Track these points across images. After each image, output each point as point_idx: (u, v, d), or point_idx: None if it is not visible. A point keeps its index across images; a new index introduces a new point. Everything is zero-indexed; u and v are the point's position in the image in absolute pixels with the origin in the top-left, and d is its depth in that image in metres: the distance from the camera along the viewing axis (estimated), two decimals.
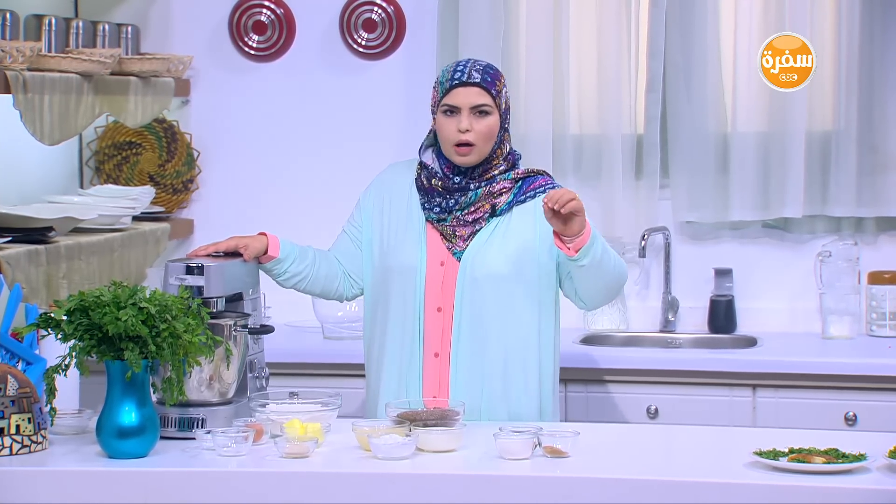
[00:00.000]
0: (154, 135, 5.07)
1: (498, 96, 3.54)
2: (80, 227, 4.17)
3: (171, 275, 3.37)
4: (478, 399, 3.50)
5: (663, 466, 3.12)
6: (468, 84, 3.52)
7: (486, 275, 3.52)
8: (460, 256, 3.54)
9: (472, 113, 3.52)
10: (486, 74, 3.54)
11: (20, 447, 3.06)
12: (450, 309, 3.54)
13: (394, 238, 3.61)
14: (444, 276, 3.55)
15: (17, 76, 3.84)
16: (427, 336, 3.55)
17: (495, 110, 3.54)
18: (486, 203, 3.55)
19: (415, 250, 3.57)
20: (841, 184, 4.69)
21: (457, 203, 3.55)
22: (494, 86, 3.54)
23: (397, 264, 3.58)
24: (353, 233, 3.69)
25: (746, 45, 4.72)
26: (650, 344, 4.76)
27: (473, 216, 3.55)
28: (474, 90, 3.52)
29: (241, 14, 5.07)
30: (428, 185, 3.59)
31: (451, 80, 3.54)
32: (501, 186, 3.56)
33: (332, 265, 3.68)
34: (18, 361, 3.24)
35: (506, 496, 2.92)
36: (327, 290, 3.70)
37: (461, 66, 3.56)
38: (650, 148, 4.80)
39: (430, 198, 3.58)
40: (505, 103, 3.58)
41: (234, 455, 3.06)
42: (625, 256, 4.83)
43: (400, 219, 3.61)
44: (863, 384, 4.22)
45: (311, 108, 5.04)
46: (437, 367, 3.55)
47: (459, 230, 3.55)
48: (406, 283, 3.56)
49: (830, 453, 2.92)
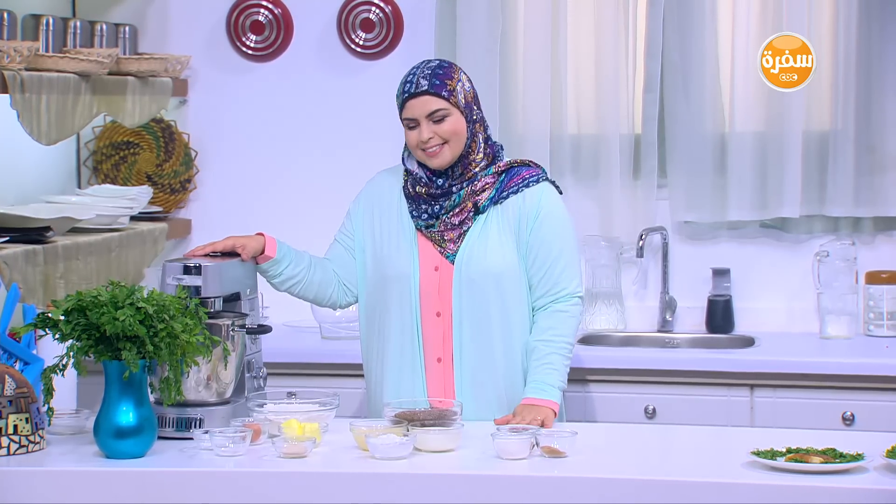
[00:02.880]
0: (152, 135, 5.07)
1: (451, 95, 3.51)
2: (77, 226, 4.17)
3: (168, 275, 3.37)
4: (482, 401, 3.49)
5: (661, 466, 3.12)
6: (417, 95, 3.50)
7: (481, 273, 3.52)
8: (453, 259, 3.54)
9: (431, 120, 3.51)
10: (434, 78, 3.51)
11: (18, 447, 3.06)
12: (448, 312, 3.54)
13: (386, 247, 3.60)
14: (439, 280, 3.55)
15: (15, 76, 3.83)
16: (427, 342, 3.55)
17: (453, 109, 3.51)
18: (469, 202, 3.54)
19: (408, 258, 3.56)
20: (838, 184, 4.69)
21: (442, 207, 3.55)
22: (445, 87, 3.50)
23: (392, 273, 3.57)
24: (346, 241, 3.68)
25: (744, 45, 4.72)
26: (648, 344, 4.76)
27: (459, 217, 3.54)
28: (424, 99, 3.50)
29: (238, 14, 5.07)
30: (414, 192, 3.58)
31: (402, 93, 3.54)
32: (484, 183, 3.55)
33: (328, 272, 3.68)
34: (16, 361, 3.24)
35: (503, 496, 2.92)
36: (321, 296, 3.69)
37: (410, 77, 3.54)
38: (648, 148, 4.80)
39: (417, 205, 3.57)
40: (465, 98, 3.53)
41: (231, 455, 3.06)
42: (623, 256, 4.85)
43: (391, 228, 3.61)
44: (860, 384, 4.22)
45: (309, 108, 5.04)
46: (440, 372, 3.54)
47: (448, 234, 3.54)
48: (402, 290, 3.56)
49: (828, 453, 2.93)
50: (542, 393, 3.44)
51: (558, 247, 3.54)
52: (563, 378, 3.50)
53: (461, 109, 3.52)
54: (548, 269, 3.54)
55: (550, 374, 3.47)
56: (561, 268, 3.54)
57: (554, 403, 3.42)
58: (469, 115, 3.54)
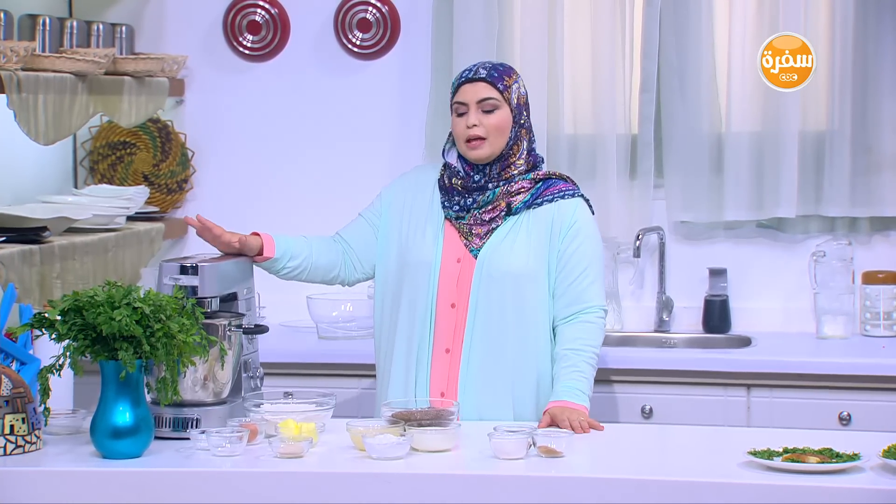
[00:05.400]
0: (148, 135, 5.07)
1: (506, 90, 3.57)
2: (74, 226, 4.17)
3: (165, 275, 3.37)
4: (486, 396, 3.50)
5: (658, 466, 3.12)
6: (474, 80, 3.58)
7: (503, 273, 3.54)
8: (477, 254, 3.56)
9: (480, 108, 3.56)
10: (493, 71, 3.59)
11: (14, 447, 3.06)
12: (464, 305, 3.56)
13: (413, 234, 3.63)
14: (459, 272, 3.57)
15: (12, 76, 3.83)
16: (438, 331, 3.57)
17: (504, 104, 3.57)
18: (503, 201, 3.57)
19: (431, 246, 3.59)
20: (835, 184, 4.69)
21: (475, 202, 3.58)
22: (502, 80, 3.58)
23: (413, 260, 3.61)
24: (372, 218, 3.71)
25: (741, 45, 4.72)
26: (645, 344, 4.76)
27: (490, 215, 3.57)
28: (480, 85, 3.57)
29: (235, 14, 5.07)
30: (449, 183, 3.62)
31: (459, 78, 3.62)
32: (520, 186, 3.58)
33: (332, 252, 3.69)
34: (12, 361, 3.24)
35: (500, 496, 2.92)
36: (327, 278, 3.73)
37: (471, 66, 3.64)
38: (644, 148, 4.81)
39: (451, 196, 3.61)
40: (517, 98, 3.60)
41: (228, 455, 3.06)
42: (619, 256, 4.85)
43: (420, 216, 3.64)
44: (857, 384, 4.22)
45: (306, 108, 5.04)
46: (446, 362, 3.56)
47: (476, 228, 3.57)
48: (420, 278, 3.58)
49: (824, 453, 2.93)
50: (574, 397, 3.44)
51: (588, 260, 3.57)
52: (591, 386, 3.51)
53: (511, 108, 3.58)
54: (575, 280, 3.55)
55: (581, 381, 3.48)
56: (590, 280, 3.56)
57: (586, 409, 3.43)
58: (518, 116, 3.60)
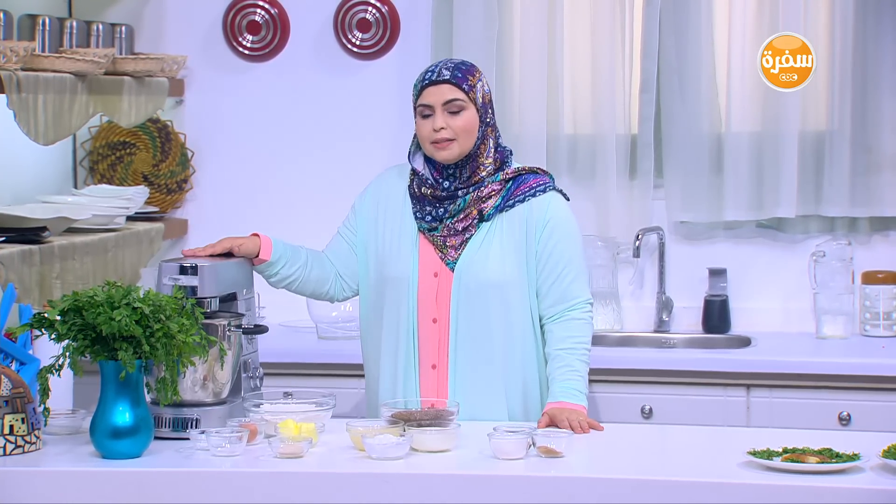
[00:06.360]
0: (148, 135, 5.07)
1: (471, 90, 3.51)
2: (73, 227, 4.17)
3: (164, 275, 3.36)
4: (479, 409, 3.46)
5: (657, 466, 3.12)
6: (438, 82, 3.50)
7: (481, 284, 3.50)
8: (454, 267, 3.52)
9: (446, 110, 3.50)
10: (456, 71, 3.51)
11: (14, 447, 3.06)
12: (445, 320, 3.52)
13: (388, 247, 3.59)
14: (438, 287, 3.53)
15: (11, 76, 3.83)
16: (423, 348, 3.53)
17: (470, 104, 3.51)
18: (474, 209, 3.52)
19: (408, 261, 3.55)
20: (834, 184, 4.69)
21: (447, 211, 3.53)
22: (466, 80, 3.51)
23: (391, 275, 3.56)
24: (348, 236, 3.67)
25: (740, 45, 4.72)
26: (644, 344, 4.76)
27: (463, 224, 3.52)
28: (444, 87, 3.49)
29: (235, 14, 5.07)
30: (419, 193, 3.57)
31: (422, 81, 3.53)
32: (490, 190, 3.53)
33: (325, 267, 3.67)
34: (12, 361, 3.24)
35: (500, 496, 2.92)
36: (318, 292, 3.69)
37: (432, 67, 3.55)
38: (644, 148, 4.81)
39: (422, 206, 3.56)
40: (482, 97, 3.53)
41: (228, 455, 3.06)
42: (619, 256, 4.85)
43: (394, 228, 3.59)
44: (856, 384, 4.22)
45: (306, 109, 5.04)
46: (434, 378, 3.53)
47: (450, 240, 3.52)
48: (399, 293, 3.54)
49: (824, 453, 2.92)
50: (572, 397, 3.42)
51: (568, 255, 3.53)
52: (587, 384, 3.49)
53: (477, 107, 3.52)
54: (558, 278, 3.52)
55: (578, 380, 3.46)
56: (572, 276, 3.53)
57: (584, 408, 3.42)
58: (483, 115, 3.54)
